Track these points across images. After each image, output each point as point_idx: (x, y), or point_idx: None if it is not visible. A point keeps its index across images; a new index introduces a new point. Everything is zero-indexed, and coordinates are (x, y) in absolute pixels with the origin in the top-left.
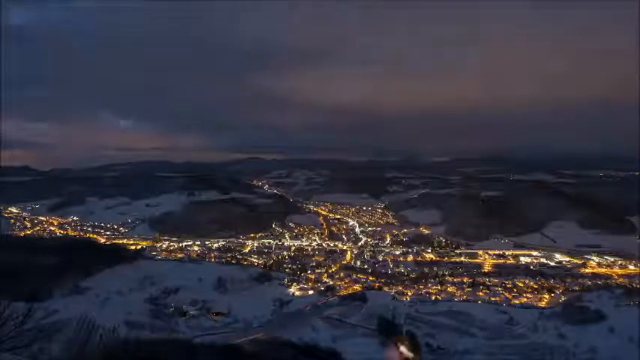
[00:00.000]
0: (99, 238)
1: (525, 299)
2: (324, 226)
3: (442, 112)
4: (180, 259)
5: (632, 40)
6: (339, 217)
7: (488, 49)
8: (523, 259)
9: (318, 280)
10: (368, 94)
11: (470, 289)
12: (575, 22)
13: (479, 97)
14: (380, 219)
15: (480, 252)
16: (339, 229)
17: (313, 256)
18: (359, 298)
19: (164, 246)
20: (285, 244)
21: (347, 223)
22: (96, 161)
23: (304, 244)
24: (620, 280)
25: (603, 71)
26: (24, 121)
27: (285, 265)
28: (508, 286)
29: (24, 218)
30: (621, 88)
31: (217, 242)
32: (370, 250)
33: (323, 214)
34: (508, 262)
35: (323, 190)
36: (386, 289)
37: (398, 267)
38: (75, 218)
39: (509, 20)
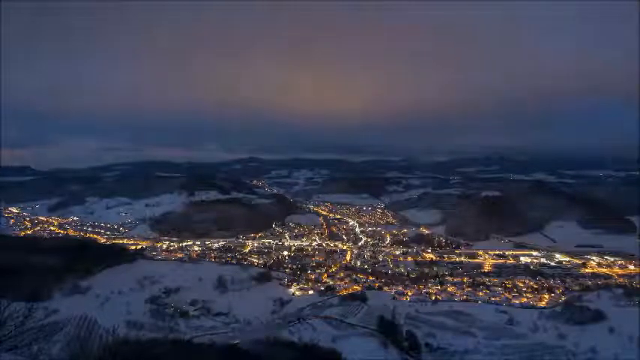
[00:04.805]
0: (99, 238)
1: (525, 299)
2: (324, 226)
3: None
4: (180, 259)
5: None
6: (339, 217)
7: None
8: (523, 259)
9: (318, 280)
10: None
11: (470, 289)
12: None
13: None
14: (380, 219)
15: (480, 252)
16: (339, 229)
17: (313, 256)
18: (359, 298)
19: (164, 246)
20: (285, 244)
21: (347, 223)
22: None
23: (304, 244)
24: (620, 280)
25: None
26: None
27: (285, 265)
28: (508, 286)
29: (24, 218)
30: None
31: (217, 242)
32: (370, 250)
33: (323, 214)
34: (508, 262)
35: (323, 190)
36: (386, 289)
37: (398, 267)
38: (75, 218)
39: None
